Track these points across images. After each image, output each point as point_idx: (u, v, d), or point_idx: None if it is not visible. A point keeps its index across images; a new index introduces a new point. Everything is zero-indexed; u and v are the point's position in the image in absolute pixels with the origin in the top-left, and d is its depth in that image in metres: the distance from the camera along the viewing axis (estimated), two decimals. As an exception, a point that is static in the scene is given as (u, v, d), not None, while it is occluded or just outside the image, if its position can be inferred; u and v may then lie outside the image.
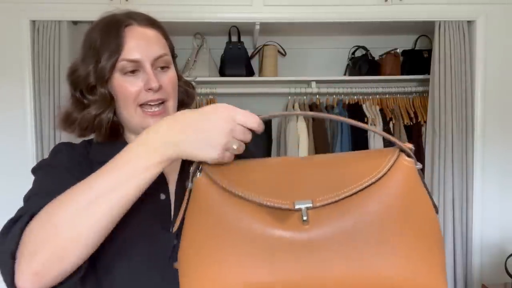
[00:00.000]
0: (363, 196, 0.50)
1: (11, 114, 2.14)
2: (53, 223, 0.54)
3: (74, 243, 0.54)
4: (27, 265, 0.54)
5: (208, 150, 0.53)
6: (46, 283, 0.55)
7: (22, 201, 0.71)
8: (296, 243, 0.48)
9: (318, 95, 2.54)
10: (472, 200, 2.28)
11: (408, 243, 0.49)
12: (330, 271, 0.47)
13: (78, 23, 2.18)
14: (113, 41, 0.72)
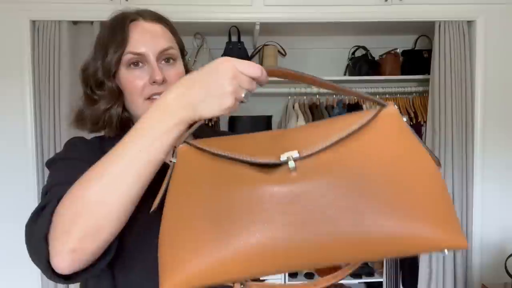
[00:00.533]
0: (351, 145, 0.47)
1: (11, 114, 2.14)
2: (83, 199, 0.54)
3: (108, 215, 0.54)
4: (63, 244, 0.54)
5: (221, 100, 0.52)
6: (83, 260, 0.55)
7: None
8: (286, 196, 0.44)
9: (318, 95, 2.55)
10: (472, 200, 2.28)
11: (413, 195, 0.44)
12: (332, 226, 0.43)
13: (78, 23, 2.18)
14: (119, 36, 0.74)
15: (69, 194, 0.56)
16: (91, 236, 0.54)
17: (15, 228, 2.17)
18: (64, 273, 0.56)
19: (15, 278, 2.19)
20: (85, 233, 0.54)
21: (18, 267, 2.18)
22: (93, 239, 0.55)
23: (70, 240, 0.54)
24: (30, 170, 2.14)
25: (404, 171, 0.45)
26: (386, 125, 0.51)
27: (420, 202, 0.43)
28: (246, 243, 0.42)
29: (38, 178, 2.16)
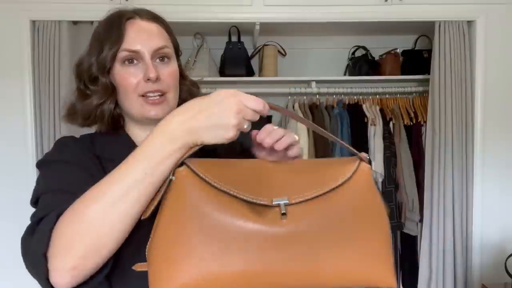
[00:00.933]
0: (331, 197, 0.57)
1: (11, 114, 2.14)
2: (85, 217, 0.56)
3: (109, 234, 0.56)
4: (63, 261, 0.55)
5: (223, 132, 0.56)
6: (82, 276, 0.57)
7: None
8: (274, 237, 0.52)
9: (318, 95, 2.54)
10: (472, 200, 2.28)
11: (368, 243, 0.57)
12: (302, 263, 0.53)
13: (78, 23, 2.18)
14: (115, 33, 0.75)
15: (70, 211, 0.57)
16: (91, 254, 0.56)
17: (14, 228, 2.17)
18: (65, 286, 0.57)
19: (15, 278, 2.19)
20: (85, 251, 0.56)
21: (18, 267, 2.18)
22: (93, 257, 0.56)
23: (70, 258, 0.55)
24: (30, 170, 2.14)
25: (366, 224, 0.57)
26: (359, 182, 0.60)
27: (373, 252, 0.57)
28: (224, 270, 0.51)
29: (38, 178, 2.16)
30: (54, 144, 0.81)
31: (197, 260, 0.52)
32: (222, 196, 0.55)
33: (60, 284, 0.56)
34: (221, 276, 0.51)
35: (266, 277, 0.52)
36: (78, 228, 0.56)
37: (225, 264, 0.52)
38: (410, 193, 2.43)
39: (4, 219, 2.17)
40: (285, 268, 0.52)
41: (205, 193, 0.55)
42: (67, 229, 0.56)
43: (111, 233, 0.56)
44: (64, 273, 0.56)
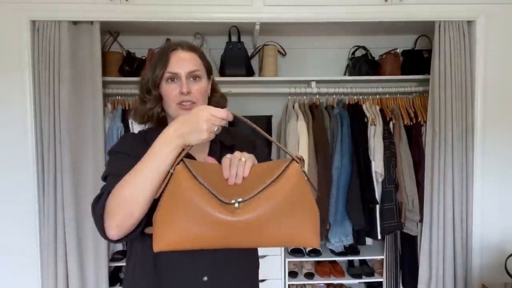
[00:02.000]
0: (271, 189, 0.83)
1: (11, 113, 2.14)
2: (122, 195, 0.89)
3: (136, 205, 0.89)
4: (111, 221, 0.90)
5: (199, 134, 0.87)
6: (123, 230, 0.91)
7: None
8: (231, 222, 0.81)
9: (318, 95, 2.55)
10: (472, 200, 2.28)
11: (299, 219, 0.84)
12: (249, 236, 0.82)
13: (78, 23, 2.18)
14: (163, 60, 1.07)
15: (114, 190, 0.91)
16: (126, 218, 0.89)
17: (15, 228, 2.17)
18: (113, 239, 0.92)
19: (16, 278, 2.19)
20: (123, 216, 0.89)
21: (19, 267, 2.18)
22: (128, 219, 0.89)
23: (114, 219, 0.89)
24: (30, 170, 2.14)
25: (298, 208, 0.84)
26: (291, 175, 0.85)
27: (303, 226, 0.84)
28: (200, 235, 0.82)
29: (38, 178, 2.16)
30: (120, 138, 1.18)
31: (181, 225, 0.82)
32: (201, 188, 0.83)
33: (111, 235, 0.91)
34: (197, 236, 0.82)
35: (223, 241, 0.82)
36: (117, 202, 0.89)
37: (198, 230, 0.81)
38: (410, 193, 2.43)
39: (4, 219, 2.17)
40: (238, 240, 0.82)
41: (192, 183, 0.84)
42: (112, 202, 0.90)
43: (137, 204, 0.89)
44: (112, 228, 0.90)
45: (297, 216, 0.83)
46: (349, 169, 2.40)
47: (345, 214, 2.40)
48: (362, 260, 2.72)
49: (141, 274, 1.04)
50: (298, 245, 0.86)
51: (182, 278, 1.01)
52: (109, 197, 0.91)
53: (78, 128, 2.16)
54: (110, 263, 2.33)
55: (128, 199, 0.88)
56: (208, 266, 1.01)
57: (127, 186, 0.89)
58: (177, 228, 0.82)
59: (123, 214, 0.88)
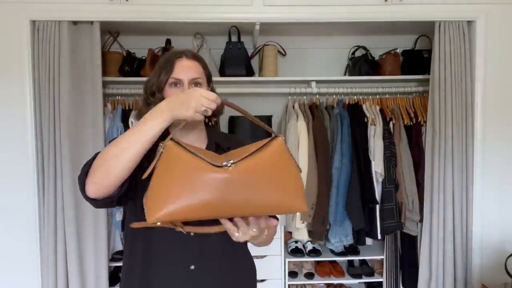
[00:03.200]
0: (258, 157, 0.91)
1: (11, 114, 2.14)
2: (106, 156, 0.95)
3: (115, 164, 0.94)
4: (90, 178, 0.96)
5: (186, 110, 0.94)
6: (101, 189, 0.96)
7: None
8: (224, 180, 0.86)
9: (318, 95, 2.55)
10: (472, 200, 2.28)
11: (285, 184, 0.90)
12: (242, 195, 0.86)
13: (78, 23, 2.18)
14: (168, 66, 1.16)
15: (101, 152, 0.98)
16: (104, 175, 0.95)
17: (15, 229, 2.17)
18: (91, 196, 0.97)
19: (16, 278, 2.19)
20: (101, 173, 0.95)
21: (19, 267, 2.18)
22: (105, 177, 0.95)
23: (94, 176, 0.96)
24: (30, 170, 2.14)
25: (283, 173, 0.91)
26: (275, 146, 0.94)
27: (289, 189, 0.90)
28: (195, 201, 0.85)
29: (38, 178, 2.16)
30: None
31: (175, 197, 0.85)
32: (194, 158, 0.89)
33: (88, 191, 0.97)
34: (191, 206, 0.84)
35: (219, 206, 0.85)
36: (101, 160, 0.95)
37: (193, 198, 0.85)
38: (410, 193, 2.43)
39: (4, 219, 2.17)
40: (232, 199, 0.85)
41: (183, 156, 0.89)
42: (97, 161, 0.96)
43: (118, 165, 0.94)
44: (90, 184, 0.96)
45: (283, 181, 0.90)
46: (349, 169, 2.40)
47: (345, 214, 2.40)
48: (362, 260, 2.72)
49: (132, 264, 1.12)
50: (287, 209, 0.91)
51: (170, 266, 1.08)
52: (96, 157, 0.98)
53: (78, 128, 2.16)
54: (110, 263, 2.33)
55: (110, 158, 0.94)
56: (195, 255, 1.09)
57: (112, 147, 0.95)
58: (173, 196, 0.85)
59: (102, 171, 0.94)
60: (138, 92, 2.37)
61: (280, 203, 0.89)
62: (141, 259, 1.10)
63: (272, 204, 0.88)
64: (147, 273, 1.09)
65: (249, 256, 1.25)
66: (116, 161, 0.94)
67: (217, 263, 1.11)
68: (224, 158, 0.90)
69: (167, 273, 1.08)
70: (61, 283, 2.15)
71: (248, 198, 0.86)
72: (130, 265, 1.13)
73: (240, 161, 0.88)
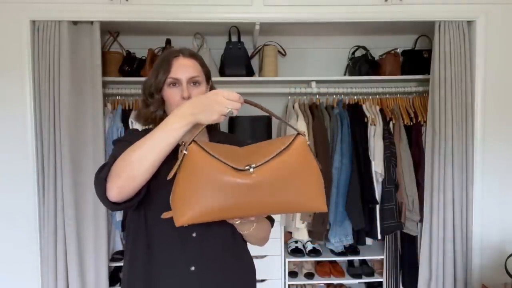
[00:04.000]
0: (280, 158, 0.91)
1: (11, 114, 2.14)
2: (129, 160, 0.95)
3: (140, 169, 0.95)
4: (114, 183, 0.95)
5: (211, 115, 0.93)
6: (124, 193, 0.96)
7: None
8: (247, 185, 0.88)
9: (318, 95, 2.55)
10: (472, 200, 2.28)
11: (306, 184, 0.92)
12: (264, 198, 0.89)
13: (78, 23, 2.18)
14: (166, 66, 1.14)
15: (122, 155, 0.97)
16: (130, 180, 0.95)
17: (15, 229, 2.17)
18: (113, 200, 0.97)
19: (16, 278, 2.19)
20: (126, 178, 0.95)
21: (19, 267, 2.18)
22: (131, 182, 0.95)
23: (118, 181, 0.95)
24: (30, 170, 2.14)
25: (305, 174, 0.93)
26: (298, 146, 0.94)
27: (310, 190, 0.93)
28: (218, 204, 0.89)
29: (38, 178, 2.16)
30: (126, 131, 1.35)
31: (199, 200, 0.88)
32: (216, 162, 0.90)
33: (111, 196, 0.96)
34: (214, 208, 0.89)
35: (241, 207, 0.89)
36: (124, 164, 0.95)
37: (217, 201, 0.88)
38: (410, 193, 2.43)
39: (4, 220, 2.17)
40: (254, 201, 0.89)
41: (207, 160, 0.90)
42: (119, 164, 0.96)
43: (142, 169, 0.95)
44: (113, 189, 0.95)
45: (305, 181, 0.92)
46: (349, 169, 2.40)
47: (345, 214, 2.40)
48: (362, 260, 2.72)
49: (135, 264, 1.12)
50: (307, 209, 0.93)
51: (171, 267, 1.08)
52: (116, 161, 0.97)
53: (78, 128, 2.16)
54: (110, 263, 2.33)
55: (134, 162, 0.94)
56: (195, 257, 1.08)
57: (136, 150, 0.95)
58: (198, 201, 0.88)
59: (127, 176, 0.94)
60: (138, 92, 2.37)
61: (301, 204, 0.92)
62: (143, 260, 1.10)
63: (293, 205, 0.92)
64: (150, 273, 1.09)
65: (249, 256, 1.24)
66: (141, 164, 0.94)
67: (217, 264, 1.10)
68: (246, 158, 0.91)
69: (168, 273, 1.08)
70: (61, 283, 2.15)
71: (270, 201, 0.89)
72: (132, 265, 1.12)
73: (263, 164, 0.89)
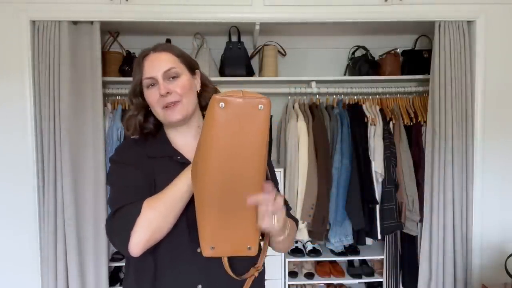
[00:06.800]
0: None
1: (11, 113, 2.14)
2: (154, 214, 0.93)
3: (166, 222, 0.94)
4: (141, 236, 0.92)
5: None
6: (149, 246, 0.94)
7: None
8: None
9: (318, 95, 2.55)
10: (472, 200, 2.28)
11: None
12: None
13: (78, 23, 2.18)
14: (138, 68, 1.07)
15: (147, 209, 0.93)
16: (157, 233, 0.94)
17: (15, 228, 2.17)
18: (137, 253, 0.93)
19: (16, 278, 2.19)
20: (154, 231, 0.93)
21: (19, 267, 2.18)
22: (158, 234, 0.94)
23: (145, 234, 0.92)
24: (30, 170, 2.14)
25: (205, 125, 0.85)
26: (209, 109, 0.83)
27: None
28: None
29: (38, 178, 2.16)
30: (121, 144, 1.19)
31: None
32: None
33: (136, 251, 0.93)
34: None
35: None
36: (150, 220, 0.92)
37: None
38: (410, 193, 2.43)
39: (4, 219, 2.17)
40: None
41: None
42: (145, 218, 0.92)
43: (167, 221, 0.94)
44: (140, 244, 0.92)
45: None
46: (349, 169, 2.40)
47: (345, 214, 2.40)
48: (362, 260, 2.72)
49: (140, 280, 1.05)
50: None
51: (177, 285, 1.02)
52: (141, 215, 0.92)
53: (78, 128, 2.16)
54: (110, 263, 2.33)
55: (160, 217, 0.93)
56: (202, 274, 1.01)
57: (159, 207, 0.93)
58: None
59: (154, 229, 0.93)
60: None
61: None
62: (150, 275, 1.03)
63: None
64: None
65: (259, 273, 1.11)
66: (166, 218, 0.94)
67: (225, 283, 1.01)
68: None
69: None
70: (61, 283, 2.15)
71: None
72: (137, 278, 1.06)
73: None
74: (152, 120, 1.11)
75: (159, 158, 1.06)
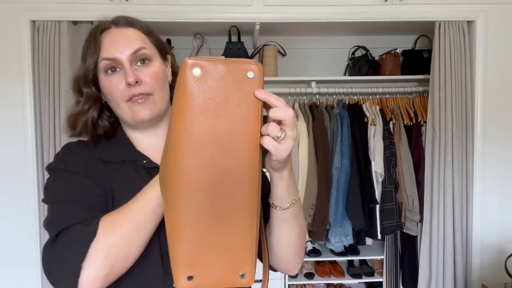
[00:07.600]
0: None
1: (11, 114, 2.14)
2: (111, 244, 0.66)
3: (130, 254, 0.68)
4: (97, 269, 0.64)
5: None
6: (109, 283, 0.67)
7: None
8: None
9: (318, 95, 2.55)
10: (472, 200, 2.28)
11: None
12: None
13: (78, 23, 2.18)
14: (92, 45, 0.80)
15: (105, 232, 0.66)
16: (120, 263, 0.67)
17: (15, 229, 2.17)
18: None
19: (16, 278, 2.19)
20: (115, 261, 0.66)
21: (19, 267, 2.18)
22: (121, 266, 0.67)
23: (104, 266, 0.65)
24: (30, 170, 2.14)
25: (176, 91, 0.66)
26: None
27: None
28: None
29: (38, 178, 2.16)
30: (62, 148, 0.84)
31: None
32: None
33: (91, 285, 0.65)
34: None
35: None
36: (109, 244, 0.65)
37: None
38: (410, 193, 2.43)
39: (4, 219, 2.17)
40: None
41: None
42: (102, 244, 0.65)
43: (133, 247, 0.68)
44: (96, 280, 0.64)
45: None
46: (349, 169, 2.40)
47: (345, 214, 2.40)
48: (362, 260, 2.72)
49: None
50: None
51: None
52: (93, 246, 0.65)
53: (78, 128, 2.16)
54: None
55: (121, 248, 0.66)
56: None
57: (115, 233, 0.66)
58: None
59: (117, 259, 0.66)
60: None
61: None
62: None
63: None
64: None
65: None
66: (131, 247, 0.68)
67: None
68: None
69: None
70: (61, 283, 2.15)
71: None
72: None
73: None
74: (107, 117, 0.86)
75: (118, 163, 0.80)
